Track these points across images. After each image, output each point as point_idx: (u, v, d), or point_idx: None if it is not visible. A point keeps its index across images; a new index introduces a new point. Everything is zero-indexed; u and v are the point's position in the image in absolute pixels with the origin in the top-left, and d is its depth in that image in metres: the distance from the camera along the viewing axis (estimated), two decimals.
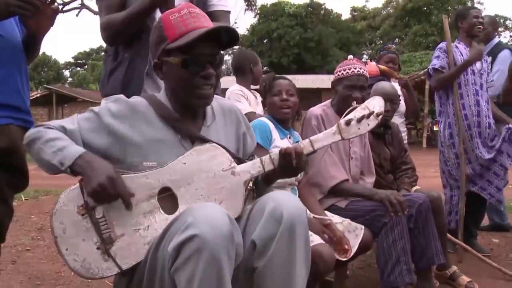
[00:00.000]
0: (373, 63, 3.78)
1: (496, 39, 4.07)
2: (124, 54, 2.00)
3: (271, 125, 2.16)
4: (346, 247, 2.00)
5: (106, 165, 1.38)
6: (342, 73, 2.40)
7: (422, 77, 14.23)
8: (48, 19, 1.67)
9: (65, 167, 1.36)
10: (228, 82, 3.67)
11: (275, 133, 2.13)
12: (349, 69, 2.38)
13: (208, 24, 1.47)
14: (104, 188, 1.33)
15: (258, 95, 3.16)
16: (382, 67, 3.66)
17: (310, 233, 1.89)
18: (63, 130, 1.45)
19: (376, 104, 1.64)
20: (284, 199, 1.39)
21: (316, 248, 1.82)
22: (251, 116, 2.76)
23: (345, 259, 2.01)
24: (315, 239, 1.86)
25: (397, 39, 33.54)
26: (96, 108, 1.50)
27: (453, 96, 3.20)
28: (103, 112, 1.47)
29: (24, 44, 1.81)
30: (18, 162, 1.76)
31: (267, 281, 1.38)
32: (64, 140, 1.40)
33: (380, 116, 1.63)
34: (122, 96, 1.53)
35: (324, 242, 1.89)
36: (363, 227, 2.10)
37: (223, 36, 1.49)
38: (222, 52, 1.53)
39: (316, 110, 2.43)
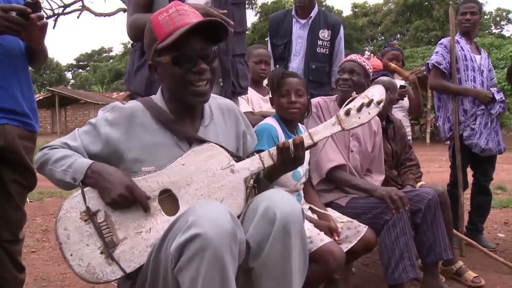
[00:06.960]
0: (375, 58, 3.77)
1: None
2: None
3: (277, 127, 2.08)
4: (336, 237, 1.99)
5: (120, 174, 1.41)
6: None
7: (425, 72, 14.13)
8: (39, 32, 1.68)
9: (78, 181, 1.40)
10: None
11: (281, 135, 2.06)
12: (344, 61, 2.48)
13: (197, 19, 1.44)
14: (125, 198, 1.37)
15: None
16: (393, 65, 3.63)
17: (320, 232, 1.90)
18: (67, 147, 1.49)
19: (375, 92, 1.60)
20: (277, 198, 1.37)
21: (328, 246, 1.82)
22: (248, 116, 2.74)
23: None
24: (325, 238, 1.86)
25: (398, 35, 33.34)
26: (93, 120, 1.53)
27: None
28: (100, 123, 1.50)
29: (26, 50, 1.84)
30: (16, 158, 1.79)
31: (264, 280, 1.38)
32: (71, 157, 1.44)
33: (381, 104, 1.59)
34: (118, 103, 1.55)
35: (333, 240, 1.88)
36: (366, 226, 2.09)
37: (214, 30, 1.46)
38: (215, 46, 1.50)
39: (316, 99, 2.46)
